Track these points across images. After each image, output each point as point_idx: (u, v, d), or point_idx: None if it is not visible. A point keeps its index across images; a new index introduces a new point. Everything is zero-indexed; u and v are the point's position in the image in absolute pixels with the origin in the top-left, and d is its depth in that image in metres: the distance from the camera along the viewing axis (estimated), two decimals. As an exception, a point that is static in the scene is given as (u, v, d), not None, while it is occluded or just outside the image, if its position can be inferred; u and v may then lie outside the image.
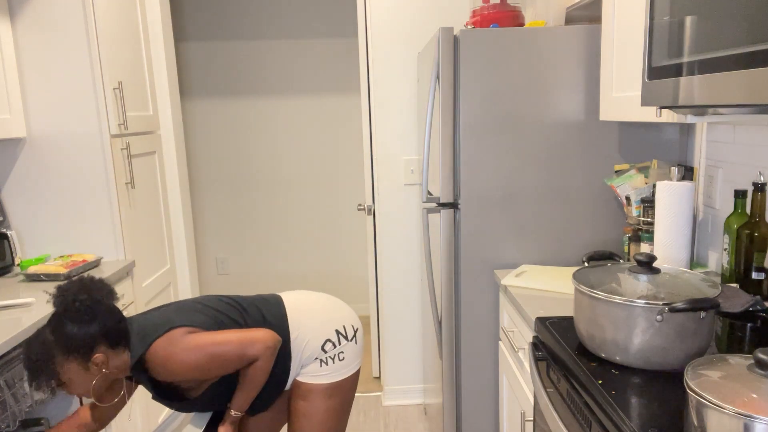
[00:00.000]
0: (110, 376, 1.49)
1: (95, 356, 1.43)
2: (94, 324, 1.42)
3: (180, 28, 4.12)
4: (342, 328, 1.67)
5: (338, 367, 1.65)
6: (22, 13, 2.22)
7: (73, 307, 1.41)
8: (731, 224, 1.58)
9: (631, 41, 1.66)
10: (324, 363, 1.64)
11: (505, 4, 2.16)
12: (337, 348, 1.65)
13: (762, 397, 0.81)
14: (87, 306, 1.41)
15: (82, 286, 1.43)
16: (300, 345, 1.63)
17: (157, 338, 1.46)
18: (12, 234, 2.28)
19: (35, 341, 1.42)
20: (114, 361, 1.47)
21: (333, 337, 1.65)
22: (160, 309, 1.58)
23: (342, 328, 1.67)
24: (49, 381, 1.42)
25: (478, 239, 2.09)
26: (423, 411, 3.07)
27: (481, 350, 2.16)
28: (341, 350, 1.65)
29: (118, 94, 2.35)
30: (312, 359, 1.64)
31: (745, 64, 0.95)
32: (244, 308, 1.62)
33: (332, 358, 1.64)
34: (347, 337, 1.67)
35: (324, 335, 1.64)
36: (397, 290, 3.04)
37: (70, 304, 1.41)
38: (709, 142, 1.87)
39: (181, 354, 1.44)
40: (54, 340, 1.41)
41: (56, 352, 1.41)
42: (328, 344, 1.64)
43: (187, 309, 1.56)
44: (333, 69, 4.21)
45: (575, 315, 1.32)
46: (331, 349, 1.64)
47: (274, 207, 4.36)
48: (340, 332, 1.67)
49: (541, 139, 2.04)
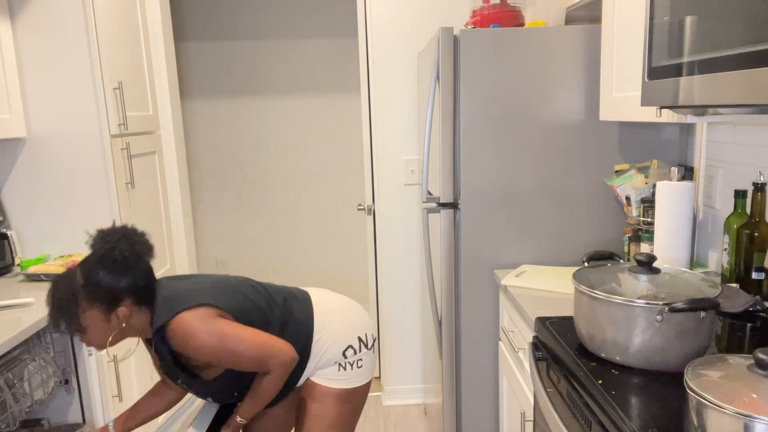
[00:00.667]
0: (128, 333, 1.46)
1: (119, 309, 1.40)
2: (126, 278, 1.40)
3: (180, 28, 4.12)
4: (363, 336, 1.66)
5: (355, 374, 1.63)
6: (22, 13, 2.22)
7: (111, 255, 1.38)
8: (731, 224, 1.58)
9: (631, 41, 1.66)
10: (343, 368, 1.62)
11: (505, 4, 2.16)
12: (357, 355, 1.63)
13: (762, 397, 0.81)
14: (125, 257, 1.39)
15: (125, 236, 1.41)
16: (322, 347, 1.61)
17: (186, 310, 1.42)
18: (12, 234, 2.28)
19: (63, 280, 1.40)
20: (135, 319, 1.44)
21: (355, 343, 1.63)
22: (194, 278, 1.54)
23: (363, 336, 1.66)
24: (69, 324, 1.39)
25: (478, 239, 2.09)
26: (423, 411, 3.07)
27: (481, 350, 2.16)
28: (360, 357, 1.64)
29: (118, 94, 2.35)
30: (331, 363, 1.62)
31: (745, 64, 0.95)
32: (273, 300, 1.59)
33: (351, 364, 1.62)
34: (367, 346, 1.66)
35: (347, 341, 1.63)
36: (397, 290, 3.04)
37: (108, 251, 1.38)
38: (709, 142, 1.87)
39: (203, 335, 1.40)
40: (83, 284, 1.38)
41: (82, 297, 1.38)
42: (349, 350, 1.63)
43: (222, 288, 1.52)
44: (333, 69, 4.21)
45: (575, 315, 1.32)
46: (351, 356, 1.62)
47: (274, 207, 4.36)
48: (362, 339, 1.65)
49: (541, 139, 2.04)
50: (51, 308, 1.39)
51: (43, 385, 1.88)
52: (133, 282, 1.41)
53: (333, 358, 1.62)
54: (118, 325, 1.42)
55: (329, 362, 1.62)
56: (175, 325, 1.41)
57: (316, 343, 1.60)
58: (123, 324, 1.42)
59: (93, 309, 1.39)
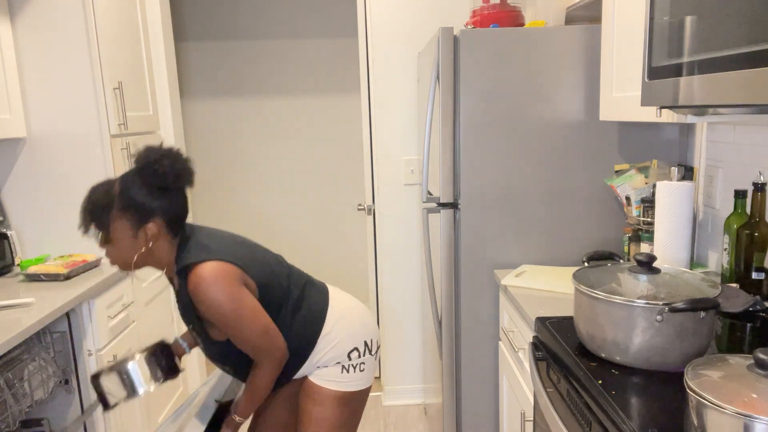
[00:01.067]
0: (152, 260, 1.47)
1: (148, 226, 1.42)
2: (161, 196, 1.42)
3: (180, 28, 4.12)
4: (369, 341, 1.66)
5: (357, 377, 1.63)
6: (22, 13, 2.22)
7: (151, 169, 1.40)
8: (731, 224, 1.58)
9: (631, 41, 1.66)
10: (345, 370, 1.62)
11: (505, 4, 2.16)
12: (361, 358, 1.63)
13: (762, 397, 0.81)
14: (164, 174, 1.40)
15: (170, 155, 1.42)
16: (329, 343, 1.60)
17: (215, 260, 1.42)
18: (12, 234, 2.28)
19: (102, 187, 1.42)
20: (162, 245, 1.45)
21: (361, 346, 1.64)
22: (234, 237, 1.55)
23: (369, 341, 1.66)
24: (98, 228, 1.41)
25: (478, 239, 2.09)
26: (423, 411, 3.07)
27: (481, 350, 2.16)
28: (363, 361, 1.64)
29: (118, 94, 2.35)
30: (334, 362, 1.61)
31: (745, 64, 0.95)
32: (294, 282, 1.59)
33: (354, 367, 1.62)
34: (371, 351, 1.66)
35: (354, 342, 1.63)
36: (397, 290, 3.04)
37: (150, 164, 1.40)
38: (709, 142, 1.87)
39: (218, 292, 1.39)
40: (119, 192, 1.40)
41: (115, 204, 1.40)
42: (354, 352, 1.63)
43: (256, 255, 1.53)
44: (333, 69, 4.21)
45: (575, 315, 1.32)
46: (355, 358, 1.63)
47: (274, 207, 4.36)
48: (368, 344, 1.66)
49: (541, 139, 2.04)
50: (84, 211, 1.42)
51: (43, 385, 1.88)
52: (167, 203, 1.43)
53: (337, 358, 1.61)
54: (145, 244, 1.43)
55: (332, 361, 1.61)
56: (199, 270, 1.41)
57: (324, 336, 1.60)
58: (149, 243, 1.43)
59: (123, 219, 1.41)
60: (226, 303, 1.40)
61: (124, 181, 1.42)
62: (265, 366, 1.50)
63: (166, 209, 1.43)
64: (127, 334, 2.32)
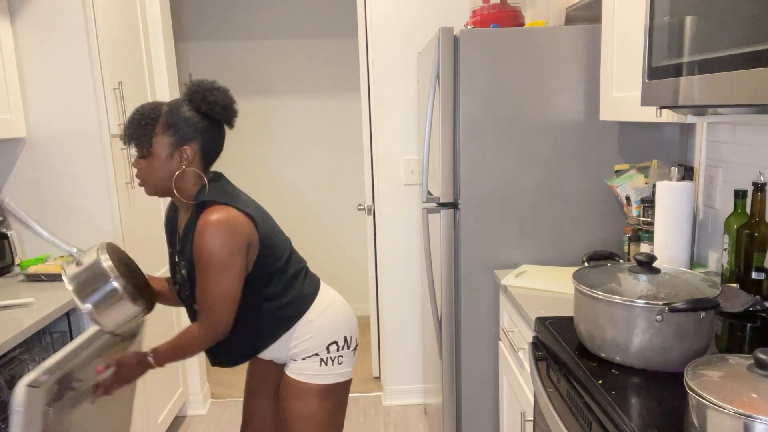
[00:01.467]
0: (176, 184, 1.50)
1: (185, 148, 1.48)
2: (204, 125, 1.49)
3: (180, 28, 4.12)
4: (349, 338, 1.70)
5: (335, 369, 1.66)
6: (22, 13, 2.22)
7: (203, 95, 1.47)
8: (731, 224, 1.58)
9: (631, 41, 1.66)
10: (324, 363, 1.64)
11: (505, 4, 2.16)
12: (339, 351, 1.66)
13: (762, 397, 0.81)
14: (213, 101, 1.47)
15: (220, 89, 1.50)
16: (311, 330, 1.62)
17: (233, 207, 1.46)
18: (12, 234, 2.28)
19: (151, 104, 1.50)
20: (190, 172, 1.50)
21: (340, 341, 1.67)
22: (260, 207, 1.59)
23: (349, 338, 1.70)
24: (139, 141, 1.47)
25: (478, 239, 2.09)
26: (423, 411, 3.07)
27: (481, 350, 2.16)
28: (341, 354, 1.67)
29: (118, 94, 2.35)
30: (311, 353, 1.63)
31: (745, 64, 0.95)
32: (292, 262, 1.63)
33: (332, 360, 1.65)
34: (349, 347, 1.70)
35: (335, 335, 1.66)
36: (397, 290, 3.04)
37: (201, 91, 1.48)
38: (709, 142, 1.88)
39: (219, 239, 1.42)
40: (167, 111, 1.47)
41: (161, 119, 1.47)
42: (333, 345, 1.65)
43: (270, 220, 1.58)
44: (333, 69, 4.21)
45: (575, 315, 1.32)
46: (334, 351, 1.65)
47: (274, 207, 4.36)
48: (347, 339, 1.69)
49: (541, 139, 2.04)
50: (130, 122, 1.47)
51: (43, 385, 1.87)
52: (208, 132, 1.50)
53: (316, 348, 1.63)
54: (178, 166, 1.48)
55: (311, 351, 1.63)
56: (216, 210, 1.44)
57: (309, 323, 1.62)
58: (183, 166, 1.48)
59: (165, 136, 1.47)
60: (218, 252, 1.43)
61: (173, 102, 1.50)
62: (200, 329, 1.49)
63: (205, 138, 1.50)
64: (127, 334, 2.32)
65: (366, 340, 4.05)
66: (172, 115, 1.47)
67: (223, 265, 1.44)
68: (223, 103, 1.50)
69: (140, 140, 1.47)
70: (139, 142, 1.47)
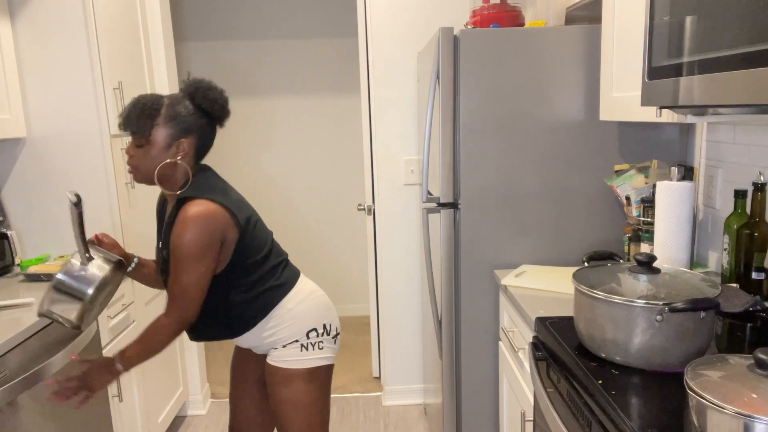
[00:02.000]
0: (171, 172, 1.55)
1: (183, 140, 1.53)
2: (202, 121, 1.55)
3: (180, 28, 4.12)
4: (328, 325, 1.74)
5: (316, 354, 1.70)
6: (22, 13, 2.22)
7: (200, 93, 1.54)
8: (731, 224, 1.58)
9: (631, 41, 1.66)
10: (305, 348, 1.68)
11: (505, 4, 2.16)
12: (319, 338, 1.71)
13: (762, 397, 0.81)
14: (213, 99, 1.54)
15: (217, 89, 1.57)
16: (288, 318, 1.67)
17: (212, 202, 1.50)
18: (12, 234, 2.28)
19: (153, 95, 1.54)
20: (184, 167, 1.56)
21: (320, 328, 1.71)
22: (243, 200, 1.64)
23: (328, 325, 1.74)
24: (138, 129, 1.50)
25: (478, 239, 2.09)
26: (423, 411, 3.07)
27: (481, 350, 2.16)
28: (321, 340, 1.71)
29: (118, 94, 2.35)
30: (291, 340, 1.67)
31: (745, 64, 0.95)
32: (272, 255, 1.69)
33: (313, 345, 1.69)
34: (329, 333, 1.74)
35: (314, 323, 1.70)
36: (397, 290, 3.04)
37: (202, 89, 1.54)
38: (709, 142, 1.88)
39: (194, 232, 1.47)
40: (167, 104, 1.53)
41: (163, 111, 1.51)
42: (313, 332, 1.70)
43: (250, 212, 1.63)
44: (333, 69, 4.21)
45: (575, 315, 1.32)
46: (314, 337, 1.70)
47: (274, 207, 4.36)
48: (326, 326, 1.73)
49: (541, 139, 2.04)
50: (130, 109, 1.51)
51: (43, 385, 1.87)
52: (205, 128, 1.56)
53: (296, 335, 1.67)
54: (173, 156, 1.53)
55: (291, 338, 1.67)
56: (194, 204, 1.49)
57: (289, 311, 1.67)
58: (178, 157, 1.53)
59: (164, 128, 1.52)
60: (192, 246, 1.48)
61: (174, 95, 1.56)
62: (167, 317, 1.52)
63: (201, 133, 1.56)
64: (127, 333, 2.32)
65: (366, 340, 4.04)
66: (174, 108, 1.52)
67: (196, 258, 1.49)
68: (222, 102, 1.57)
69: (140, 129, 1.50)
70: (138, 130, 1.51)
